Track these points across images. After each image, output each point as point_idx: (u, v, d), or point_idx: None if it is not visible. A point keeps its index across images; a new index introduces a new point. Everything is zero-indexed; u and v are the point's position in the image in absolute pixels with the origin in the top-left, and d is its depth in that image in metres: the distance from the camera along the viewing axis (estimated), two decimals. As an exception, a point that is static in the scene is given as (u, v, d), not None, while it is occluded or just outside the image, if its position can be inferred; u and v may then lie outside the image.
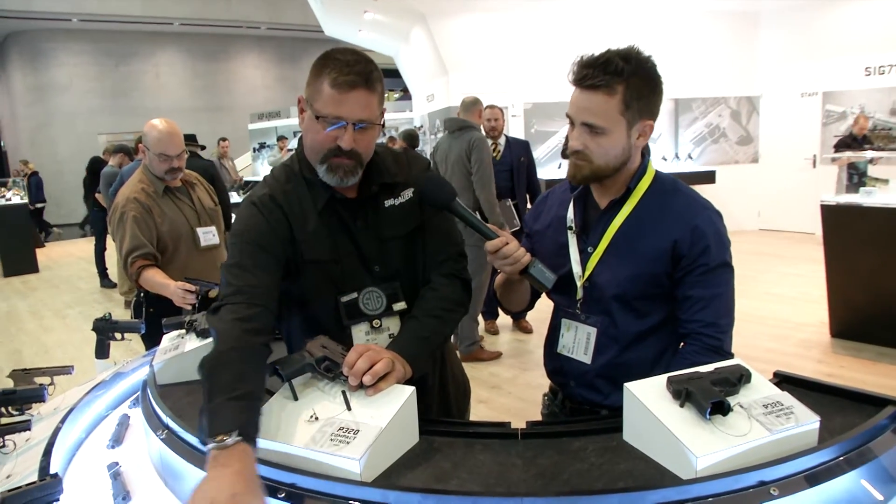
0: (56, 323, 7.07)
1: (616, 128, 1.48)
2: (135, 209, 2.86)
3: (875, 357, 4.64)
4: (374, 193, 1.56)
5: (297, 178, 1.56)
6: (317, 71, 1.44)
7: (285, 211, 1.51)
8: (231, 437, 1.09)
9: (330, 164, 1.46)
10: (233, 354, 1.27)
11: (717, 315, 1.49)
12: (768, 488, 1.06)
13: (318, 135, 1.44)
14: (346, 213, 1.54)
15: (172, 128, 2.97)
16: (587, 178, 1.54)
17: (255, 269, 1.43)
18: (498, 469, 1.16)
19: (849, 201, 4.96)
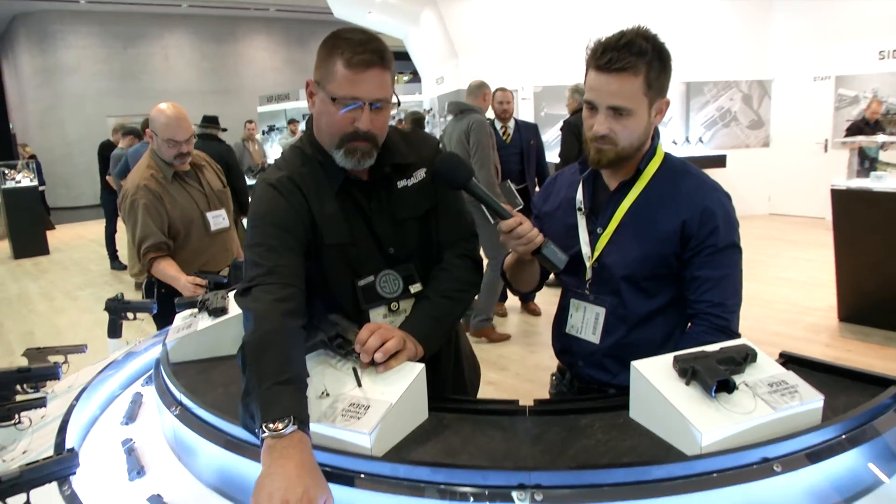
0: (67, 304, 7.13)
1: (640, 108, 1.48)
2: (145, 197, 2.86)
3: (883, 341, 4.63)
4: (387, 174, 1.55)
5: (310, 161, 1.53)
6: (327, 52, 1.41)
7: (304, 193, 1.49)
8: (288, 426, 1.07)
9: (347, 147, 1.43)
10: (275, 337, 1.23)
11: (725, 295, 1.50)
12: (772, 465, 1.08)
13: (334, 117, 1.42)
14: (361, 195, 1.53)
15: (180, 112, 2.96)
16: (612, 162, 1.53)
17: (283, 250, 1.40)
18: (506, 445, 1.18)
19: (859, 186, 4.93)
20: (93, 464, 1.48)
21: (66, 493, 1.34)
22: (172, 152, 2.92)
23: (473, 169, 4.68)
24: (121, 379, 2.00)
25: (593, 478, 1.05)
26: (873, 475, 1.18)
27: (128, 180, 2.97)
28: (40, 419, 1.77)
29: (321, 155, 1.52)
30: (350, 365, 1.29)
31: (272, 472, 1.02)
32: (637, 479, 1.05)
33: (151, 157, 2.99)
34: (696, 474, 1.06)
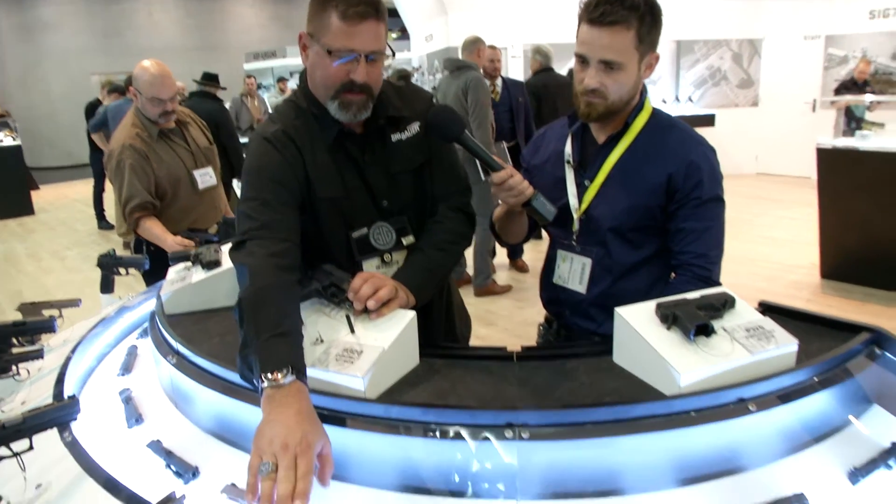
0: (55, 264, 7.12)
1: (631, 62, 1.50)
2: (131, 157, 2.83)
3: (863, 298, 4.73)
4: (381, 127, 1.56)
5: (305, 114, 1.54)
6: (321, 4, 1.40)
7: (298, 146, 1.50)
8: (286, 376, 1.10)
9: (342, 100, 1.44)
10: (272, 291, 1.25)
11: (708, 247, 1.54)
12: (747, 405, 1.14)
13: (329, 69, 1.42)
14: (355, 148, 1.54)
15: (163, 70, 2.92)
16: (602, 116, 1.55)
17: (277, 205, 1.42)
18: (494, 388, 1.23)
19: (844, 145, 4.98)
20: (91, 413, 1.51)
21: (68, 440, 1.38)
22: (157, 110, 2.89)
23: (471, 126, 4.73)
24: (115, 333, 2.04)
25: (577, 416, 1.11)
26: (843, 417, 1.25)
27: (113, 140, 2.95)
28: (37, 371, 1.80)
29: (315, 108, 1.52)
30: (343, 312, 1.33)
31: (272, 419, 1.06)
32: (619, 417, 1.10)
33: (136, 115, 2.96)
34: (674, 413, 1.12)
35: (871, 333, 1.33)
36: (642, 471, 1.12)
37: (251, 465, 1.02)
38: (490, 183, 1.53)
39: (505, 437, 1.09)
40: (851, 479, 1.12)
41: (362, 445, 1.16)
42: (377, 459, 1.15)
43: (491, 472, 1.10)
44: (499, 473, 1.10)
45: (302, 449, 1.02)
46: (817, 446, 1.20)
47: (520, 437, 1.09)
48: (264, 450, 1.02)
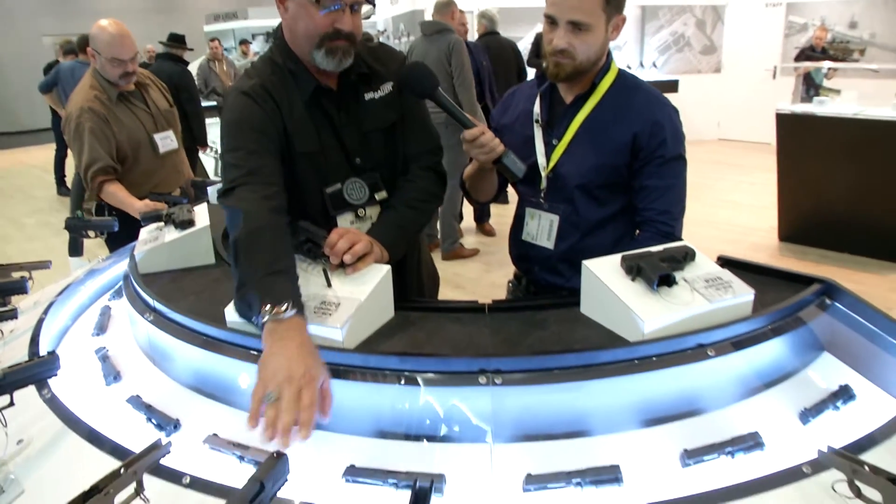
0: (14, 233, 6.96)
1: (598, 23, 1.54)
2: (90, 119, 2.76)
3: (818, 259, 4.91)
4: (354, 84, 1.59)
5: (281, 70, 1.56)
6: None
7: (276, 101, 1.52)
8: (287, 310, 1.15)
9: (328, 47, 1.46)
10: (266, 232, 1.30)
11: (671, 203, 1.61)
12: (706, 350, 1.21)
13: (315, 19, 1.44)
14: (330, 105, 1.57)
15: (122, 29, 2.85)
16: (570, 76, 1.59)
17: (262, 153, 1.45)
18: (468, 337, 1.28)
19: (802, 111, 5.10)
20: (69, 372, 1.52)
21: (47, 397, 1.40)
22: (117, 71, 2.82)
23: (457, 89, 4.72)
24: (87, 294, 2.04)
25: (547, 362, 1.16)
26: (795, 363, 1.33)
27: (70, 102, 2.86)
28: (10, 333, 1.80)
29: (292, 63, 1.55)
30: (320, 267, 1.36)
31: (275, 352, 1.10)
32: (586, 362, 1.16)
33: (94, 77, 2.87)
34: (638, 358, 1.18)
35: (821, 284, 1.42)
36: (608, 413, 1.19)
37: (255, 394, 1.06)
38: (462, 140, 1.56)
39: (479, 382, 1.14)
40: (802, 420, 1.20)
41: (341, 394, 1.20)
42: (356, 407, 1.20)
43: (465, 417, 1.15)
44: (473, 418, 1.15)
45: (306, 381, 1.06)
46: (772, 390, 1.28)
47: (493, 383, 1.14)
48: (268, 381, 1.06)
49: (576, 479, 1.06)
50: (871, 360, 1.33)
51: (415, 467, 1.08)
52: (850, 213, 4.88)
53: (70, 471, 1.16)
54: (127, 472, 0.97)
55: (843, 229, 4.94)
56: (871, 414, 1.19)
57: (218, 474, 1.11)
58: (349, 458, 1.13)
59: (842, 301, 1.40)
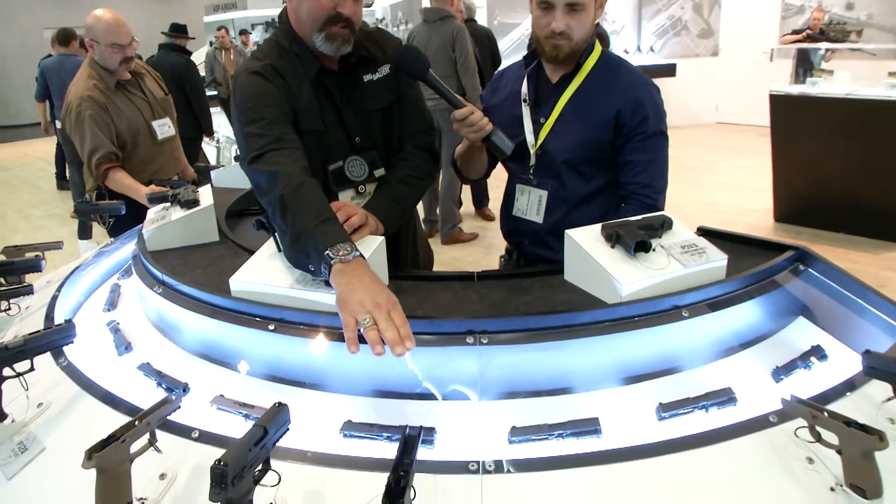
0: (21, 223, 7.05)
1: (590, 3, 1.63)
2: (91, 108, 2.81)
3: (812, 239, 4.96)
4: (353, 67, 1.68)
5: (287, 53, 1.64)
6: None
7: (285, 80, 1.60)
8: (352, 252, 1.23)
9: (328, 32, 1.55)
10: (307, 187, 1.39)
11: (653, 177, 1.68)
12: (681, 311, 1.29)
13: (318, 3, 1.53)
14: (333, 85, 1.66)
15: (118, 16, 2.91)
16: (568, 57, 1.68)
17: (283, 122, 1.54)
18: (457, 302, 1.37)
19: (796, 91, 5.15)
20: (82, 343, 1.60)
21: (64, 365, 1.49)
22: (117, 57, 2.86)
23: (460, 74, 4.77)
24: (97, 274, 2.11)
25: (531, 323, 1.25)
26: (769, 325, 1.41)
27: (70, 92, 2.90)
28: (25, 309, 1.89)
29: (297, 46, 1.63)
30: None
31: (353, 287, 1.17)
32: (568, 323, 1.25)
33: (91, 66, 2.91)
34: (617, 318, 1.26)
35: (795, 251, 1.49)
36: (589, 371, 1.27)
37: (347, 324, 1.13)
38: (452, 119, 1.64)
39: (467, 342, 1.23)
40: (775, 378, 1.28)
41: (338, 356, 1.28)
42: (352, 368, 1.28)
43: (455, 376, 1.24)
44: (462, 376, 1.23)
45: (392, 304, 1.14)
46: (746, 351, 1.36)
47: (480, 343, 1.22)
48: (357, 311, 1.13)
49: (557, 431, 1.15)
50: (843, 322, 1.41)
51: (407, 422, 1.16)
52: (843, 193, 4.94)
53: (87, 429, 1.24)
54: (141, 423, 1.05)
55: (837, 209, 5.00)
56: (842, 373, 1.26)
57: (225, 431, 1.20)
58: (346, 415, 1.21)
59: (815, 267, 1.47)
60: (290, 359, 1.33)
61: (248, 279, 1.40)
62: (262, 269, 1.41)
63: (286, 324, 1.30)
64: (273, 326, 1.30)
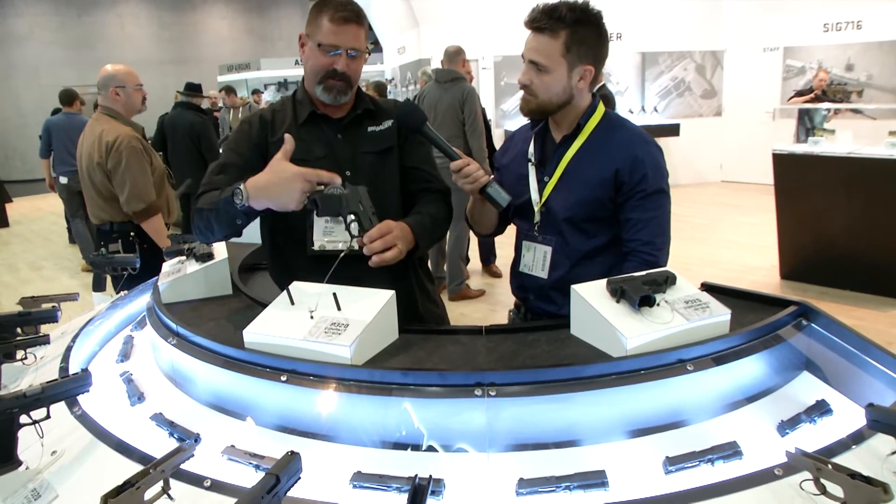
0: (32, 275, 7.13)
1: (558, 68, 1.71)
2: (136, 151, 3.01)
3: (818, 296, 4.97)
4: (359, 117, 1.89)
5: (289, 101, 1.92)
6: (316, 12, 1.78)
7: (265, 121, 1.88)
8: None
9: (326, 84, 1.79)
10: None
11: (654, 234, 1.73)
12: (686, 365, 1.31)
13: (319, 60, 1.77)
14: (327, 126, 1.88)
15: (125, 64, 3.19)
16: (533, 112, 1.78)
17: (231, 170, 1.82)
18: (465, 355, 1.39)
19: (798, 150, 5.24)
20: (95, 394, 1.63)
21: (78, 414, 1.51)
22: (140, 96, 3.13)
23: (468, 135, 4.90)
24: (111, 325, 2.15)
25: (538, 376, 1.27)
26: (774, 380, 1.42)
27: (111, 134, 3.03)
28: (40, 359, 1.92)
29: (300, 94, 1.91)
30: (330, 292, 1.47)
31: (267, 178, 1.58)
32: (574, 376, 1.27)
33: (115, 118, 3.07)
34: (623, 372, 1.28)
35: (797, 306, 1.52)
36: (595, 424, 1.28)
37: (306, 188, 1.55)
38: (451, 170, 1.74)
39: (475, 395, 1.25)
40: (780, 432, 1.29)
41: (350, 407, 1.31)
42: (363, 419, 1.30)
43: (463, 428, 1.26)
44: (470, 428, 1.25)
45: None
46: (752, 405, 1.37)
47: (488, 395, 1.25)
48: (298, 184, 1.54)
49: (565, 484, 1.15)
50: (847, 376, 1.42)
51: (416, 474, 1.17)
52: (848, 251, 4.98)
53: (100, 477, 1.26)
54: (155, 470, 1.07)
55: (843, 266, 5.03)
56: (847, 427, 1.27)
57: (236, 481, 1.21)
58: (356, 466, 1.22)
59: (818, 322, 1.50)
60: (301, 410, 1.35)
61: (262, 331, 1.43)
62: (275, 322, 1.44)
63: (298, 375, 1.33)
64: (285, 377, 1.33)
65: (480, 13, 9.67)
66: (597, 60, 1.73)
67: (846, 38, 9.01)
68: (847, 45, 9.01)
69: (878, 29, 8.75)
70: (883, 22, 8.66)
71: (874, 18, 8.76)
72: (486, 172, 1.75)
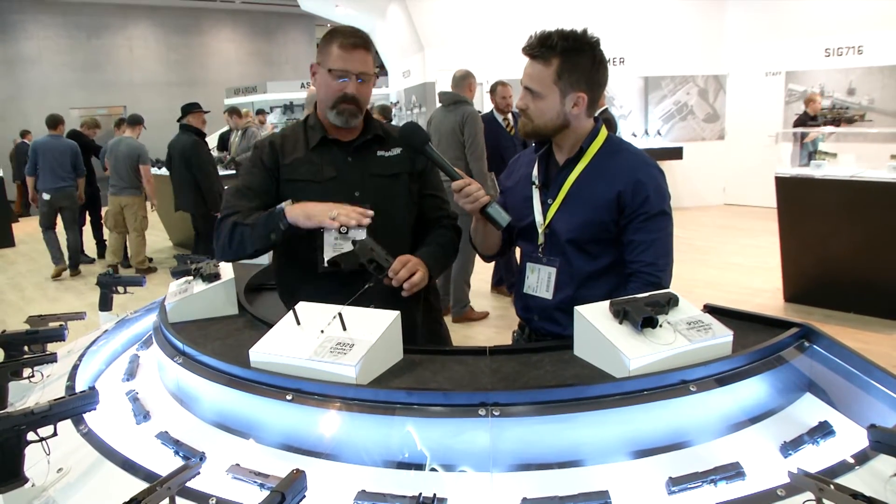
0: (37, 294, 7.16)
1: (550, 94, 1.75)
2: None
3: (822, 319, 4.96)
4: (369, 142, 1.98)
5: (300, 126, 2.02)
6: (327, 41, 1.89)
7: (276, 147, 1.97)
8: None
9: (338, 108, 1.89)
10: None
11: (656, 256, 1.74)
12: (688, 386, 1.32)
13: (330, 86, 1.88)
14: (338, 149, 1.97)
15: None
16: (530, 135, 1.83)
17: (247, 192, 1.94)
18: (469, 376, 1.40)
19: (801, 174, 5.27)
20: (101, 412, 1.64)
21: (84, 432, 1.52)
22: None
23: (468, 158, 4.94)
24: (117, 344, 2.17)
25: (542, 396, 1.28)
26: (777, 401, 1.43)
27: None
28: (47, 377, 1.93)
29: (311, 120, 2.00)
30: (334, 312, 1.49)
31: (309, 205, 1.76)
32: (577, 396, 1.28)
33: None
34: (626, 392, 1.29)
35: (799, 328, 1.52)
36: (599, 444, 1.29)
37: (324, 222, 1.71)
38: (452, 190, 1.78)
39: (479, 414, 1.26)
40: (783, 453, 1.30)
41: (354, 427, 1.32)
42: (367, 438, 1.31)
43: (467, 447, 1.26)
44: (474, 448, 1.26)
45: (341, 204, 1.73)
46: (755, 426, 1.38)
47: (492, 415, 1.25)
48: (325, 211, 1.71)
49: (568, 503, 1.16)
50: (850, 399, 1.43)
51: (420, 492, 1.18)
52: (852, 273, 4.97)
53: (105, 495, 1.27)
54: (162, 487, 1.08)
55: (846, 289, 5.02)
56: (849, 448, 1.28)
57: (240, 499, 1.22)
58: (360, 485, 1.23)
59: (820, 343, 1.50)
60: (306, 429, 1.36)
61: (268, 350, 1.44)
62: (281, 341, 1.45)
63: (303, 394, 1.34)
64: (290, 397, 1.34)
65: (485, 37, 9.77)
66: (591, 87, 1.76)
67: (848, 62, 9.09)
68: (849, 70, 9.08)
69: (879, 54, 8.83)
70: (884, 47, 8.75)
71: (875, 44, 8.85)
72: (488, 194, 1.78)
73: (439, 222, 2.01)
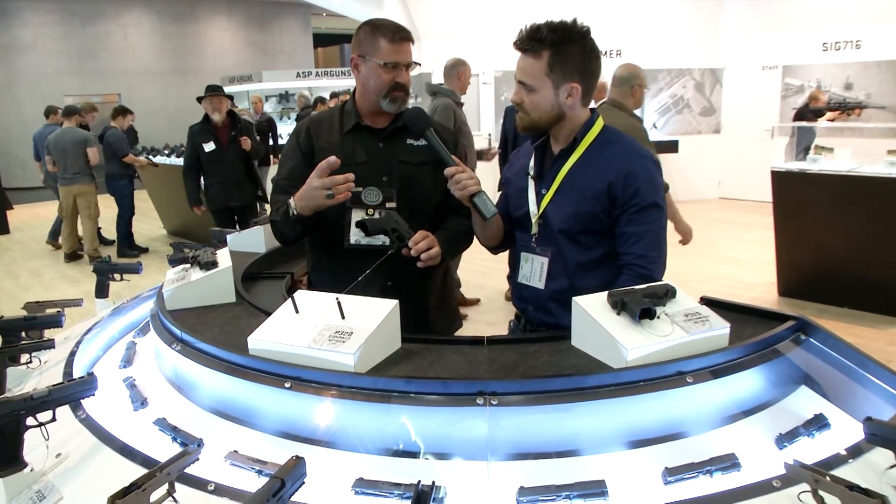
0: (32, 282, 7.14)
1: (543, 87, 1.75)
2: None
3: (816, 313, 4.99)
4: (399, 129, 2.06)
5: (337, 111, 2.13)
6: (370, 35, 1.97)
7: (311, 132, 2.09)
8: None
9: (392, 96, 1.98)
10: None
11: (648, 248, 1.75)
12: (685, 377, 1.33)
13: (382, 77, 1.96)
14: (370, 135, 2.06)
15: None
16: (527, 128, 1.83)
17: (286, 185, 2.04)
18: (467, 365, 1.41)
19: (797, 168, 5.28)
20: (99, 398, 1.64)
21: (82, 417, 1.52)
22: None
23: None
24: (113, 331, 2.17)
25: (539, 386, 1.29)
26: (773, 393, 1.44)
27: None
28: (44, 363, 1.93)
29: (349, 106, 2.10)
30: (333, 300, 1.49)
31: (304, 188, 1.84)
32: (575, 386, 1.28)
33: None
34: (623, 383, 1.30)
35: (795, 321, 1.53)
36: (595, 434, 1.30)
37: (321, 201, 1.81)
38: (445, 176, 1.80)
39: (476, 403, 1.26)
40: (778, 445, 1.31)
41: (352, 415, 1.32)
42: (365, 426, 1.31)
43: (464, 436, 1.27)
44: (471, 437, 1.27)
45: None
46: (750, 418, 1.39)
47: (489, 404, 1.26)
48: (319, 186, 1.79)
49: (565, 493, 1.16)
50: (845, 392, 1.44)
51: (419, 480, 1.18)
52: (847, 268, 4.99)
53: (104, 480, 1.27)
54: (161, 473, 1.09)
55: (841, 284, 5.04)
56: (845, 441, 1.29)
57: (239, 486, 1.22)
58: (358, 473, 1.24)
59: (815, 336, 1.52)
60: (304, 416, 1.37)
61: (267, 338, 1.45)
62: (280, 329, 1.46)
63: (302, 382, 1.34)
64: (289, 384, 1.35)
65: (481, 28, 9.74)
66: (584, 77, 1.76)
67: (845, 57, 9.08)
68: (846, 64, 9.08)
69: (876, 48, 8.82)
70: (882, 42, 8.73)
71: (873, 38, 8.84)
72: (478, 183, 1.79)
73: (459, 211, 2.03)
